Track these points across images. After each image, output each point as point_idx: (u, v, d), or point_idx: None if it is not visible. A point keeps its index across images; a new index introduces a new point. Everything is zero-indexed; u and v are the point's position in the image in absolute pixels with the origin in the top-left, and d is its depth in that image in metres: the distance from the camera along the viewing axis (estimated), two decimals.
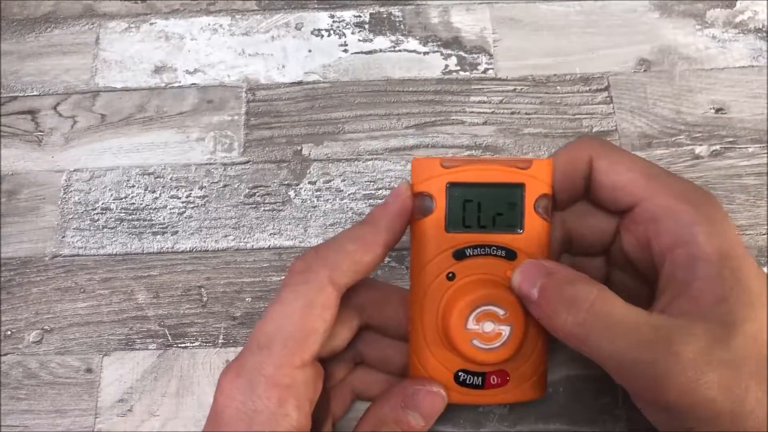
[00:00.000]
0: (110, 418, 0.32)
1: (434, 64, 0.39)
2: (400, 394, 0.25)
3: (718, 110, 0.37)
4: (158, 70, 0.40)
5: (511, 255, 0.24)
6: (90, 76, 0.40)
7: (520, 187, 0.24)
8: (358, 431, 0.25)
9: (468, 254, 0.24)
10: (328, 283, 0.23)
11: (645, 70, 0.39)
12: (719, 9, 0.40)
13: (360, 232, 0.24)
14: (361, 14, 0.41)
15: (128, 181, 0.37)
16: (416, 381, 0.25)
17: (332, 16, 0.41)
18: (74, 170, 0.37)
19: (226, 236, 0.35)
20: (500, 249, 0.24)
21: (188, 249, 0.35)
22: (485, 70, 0.39)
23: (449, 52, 0.39)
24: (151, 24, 0.41)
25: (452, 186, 0.24)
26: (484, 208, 0.24)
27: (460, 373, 0.25)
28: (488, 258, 0.24)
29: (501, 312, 0.24)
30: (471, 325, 0.24)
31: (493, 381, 0.25)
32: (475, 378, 0.25)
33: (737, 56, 0.39)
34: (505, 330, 0.24)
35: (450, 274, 0.24)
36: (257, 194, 0.36)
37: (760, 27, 0.40)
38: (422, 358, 0.25)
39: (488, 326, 0.24)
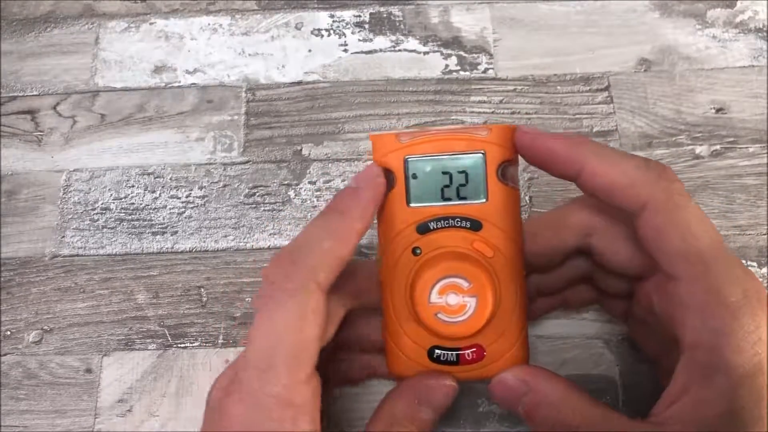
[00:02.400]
0: (110, 418, 0.32)
1: (434, 64, 0.39)
2: (412, 390, 0.24)
3: (718, 110, 0.37)
4: (158, 69, 0.40)
5: (476, 225, 0.24)
6: (90, 75, 0.40)
7: (480, 155, 0.24)
8: (370, 431, 0.25)
9: (432, 228, 0.24)
10: (315, 289, 0.22)
11: (645, 70, 0.39)
12: (719, 9, 0.40)
13: (333, 225, 0.23)
14: (361, 14, 0.41)
15: (128, 181, 0.37)
16: (427, 376, 0.24)
17: (332, 16, 0.41)
18: (74, 170, 0.37)
19: (225, 236, 0.35)
20: (464, 220, 0.24)
21: (188, 249, 0.35)
22: (485, 70, 0.39)
23: (449, 51, 0.39)
24: (151, 24, 0.41)
25: (410, 160, 0.24)
26: (444, 179, 0.24)
27: (434, 350, 0.24)
28: (453, 230, 0.24)
29: (465, 284, 0.24)
30: (434, 298, 0.24)
31: (468, 356, 0.24)
32: (449, 354, 0.24)
33: (738, 56, 0.39)
34: (470, 302, 0.24)
35: (415, 249, 0.24)
36: (257, 194, 0.36)
37: (761, 27, 0.39)
38: (395, 337, 0.25)
39: (452, 299, 0.24)
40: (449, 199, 0.24)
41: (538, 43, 0.39)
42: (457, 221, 0.24)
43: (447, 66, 0.39)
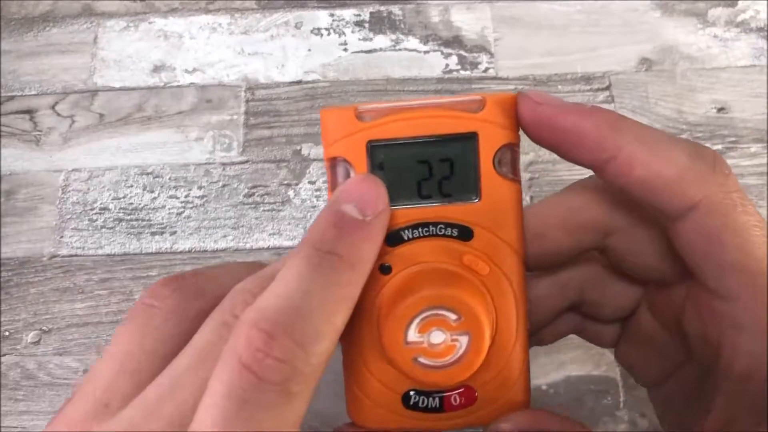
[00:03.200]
0: None
1: (435, 63, 0.39)
2: None
3: (719, 110, 0.37)
4: (157, 69, 0.39)
5: (465, 233, 0.18)
6: (88, 75, 0.39)
7: (471, 138, 0.18)
8: None
9: (406, 237, 0.18)
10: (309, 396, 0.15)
11: (646, 70, 0.38)
12: (721, 8, 0.40)
13: (348, 291, 0.16)
14: (361, 13, 0.40)
15: (127, 180, 0.37)
16: None
17: (332, 15, 0.40)
18: (72, 170, 0.37)
19: (225, 236, 0.35)
20: (450, 227, 0.18)
21: (187, 249, 0.35)
22: (486, 69, 0.39)
23: (450, 51, 0.39)
24: (150, 23, 0.41)
25: (375, 146, 0.18)
26: (421, 171, 0.18)
27: (411, 394, 0.19)
28: (434, 240, 0.18)
29: (453, 317, 0.18)
30: (412, 336, 0.18)
31: (455, 401, 0.19)
32: (431, 400, 0.19)
33: (739, 55, 0.39)
34: (461, 340, 0.18)
35: (384, 266, 0.18)
36: (256, 194, 0.36)
37: (762, 26, 0.39)
38: (359, 379, 0.19)
39: (437, 337, 0.18)
40: (429, 198, 0.18)
41: (539, 43, 0.39)
42: (441, 228, 0.18)
43: (447, 65, 0.39)
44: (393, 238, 0.18)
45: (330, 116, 0.18)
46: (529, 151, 0.36)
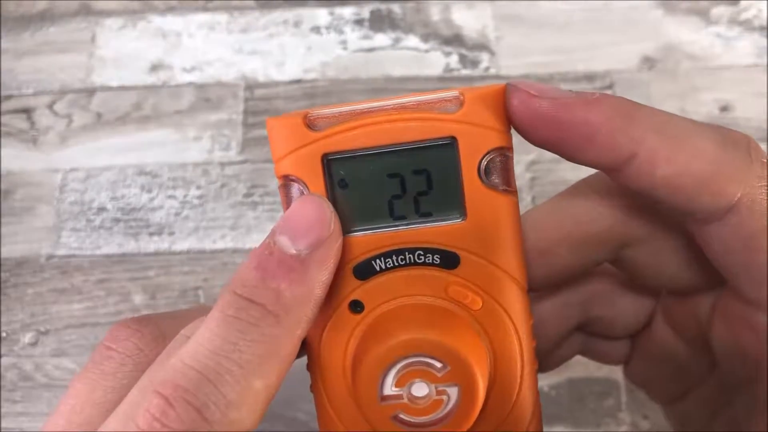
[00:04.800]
0: None
1: (435, 62, 0.39)
2: None
3: (722, 108, 0.37)
4: (155, 68, 0.39)
5: (449, 261, 0.15)
6: (86, 74, 0.39)
7: (449, 144, 0.15)
8: None
9: (378, 268, 0.15)
10: None
11: (649, 68, 0.38)
12: (723, 6, 0.40)
13: (270, 348, 0.13)
14: (361, 11, 0.40)
15: (124, 180, 0.37)
16: None
17: (331, 13, 0.40)
18: (70, 170, 0.37)
19: (223, 237, 0.35)
20: (430, 253, 0.15)
21: (185, 250, 0.35)
22: (487, 68, 0.38)
23: (450, 49, 0.39)
24: (148, 21, 0.40)
25: (332, 159, 0.15)
26: (392, 186, 0.15)
27: None
28: (413, 269, 0.15)
29: (438, 365, 0.15)
30: (389, 390, 0.15)
31: None
32: None
33: (742, 54, 0.38)
34: (450, 392, 0.15)
35: (355, 304, 0.15)
36: (255, 194, 0.36)
37: (764, 25, 0.39)
38: None
39: (419, 390, 0.15)
40: (403, 219, 0.15)
41: (541, 41, 0.39)
42: (419, 255, 0.15)
43: (448, 64, 0.39)
44: (363, 270, 0.15)
45: (276, 126, 0.15)
46: (531, 151, 0.36)
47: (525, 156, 0.36)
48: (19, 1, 0.41)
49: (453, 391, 0.15)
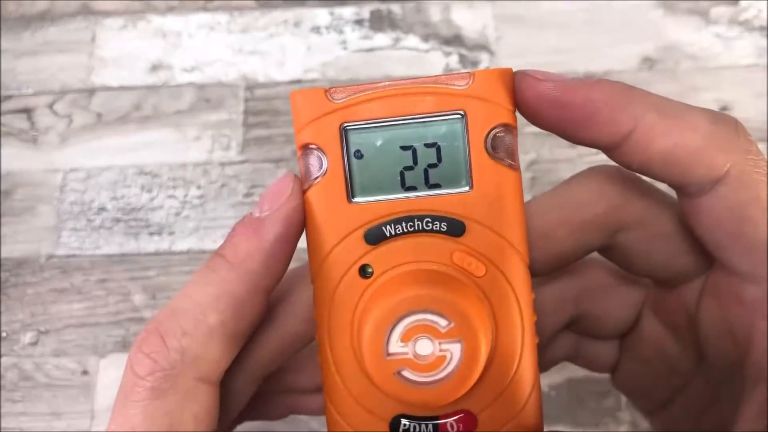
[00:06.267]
0: (106, 420, 0.32)
1: (435, 62, 0.39)
2: None
3: (722, 109, 0.37)
4: (155, 68, 0.39)
5: (456, 229, 0.16)
6: (86, 74, 0.39)
7: (458, 117, 0.16)
8: None
9: (389, 234, 0.16)
10: (197, 386, 0.16)
11: (649, 69, 0.38)
12: (723, 7, 0.40)
13: (223, 287, 0.16)
14: (361, 11, 0.40)
15: (124, 180, 0.37)
16: None
17: (332, 13, 0.40)
18: (70, 170, 0.37)
19: (223, 236, 0.35)
20: (438, 221, 0.16)
21: (185, 250, 0.35)
22: (486, 69, 0.38)
23: (450, 49, 0.39)
24: (148, 21, 0.40)
25: (351, 129, 0.16)
26: (404, 158, 0.16)
27: (399, 422, 0.16)
28: (421, 237, 0.16)
29: (442, 323, 0.15)
30: (395, 347, 0.15)
31: (452, 429, 0.16)
32: (424, 427, 0.16)
33: (742, 54, 0.38)
34: (453, 350, 0.15)
35: (365, 269, 0.16)
36: (255, 194, 0.36)
37: (764, 25, 0.39)
38: (340, 405, 0.17)
39: (423, 347, 0.15)
40: (413, 189, 0.16)
41: (541, 41, 0.39)
42: (428, 222, 0.16)
43: (448, 64, 0.39)
44: (374, 236, 0.16)
45: (299, 97, 0.16)
46: (530, 150, 0.36)
47: (525, 156, 0.36)
48: (20, 1, 0.41)
49: (456, 349, 0.15)
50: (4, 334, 0.34)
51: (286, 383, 0.21)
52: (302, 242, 0.17)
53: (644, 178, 0.17)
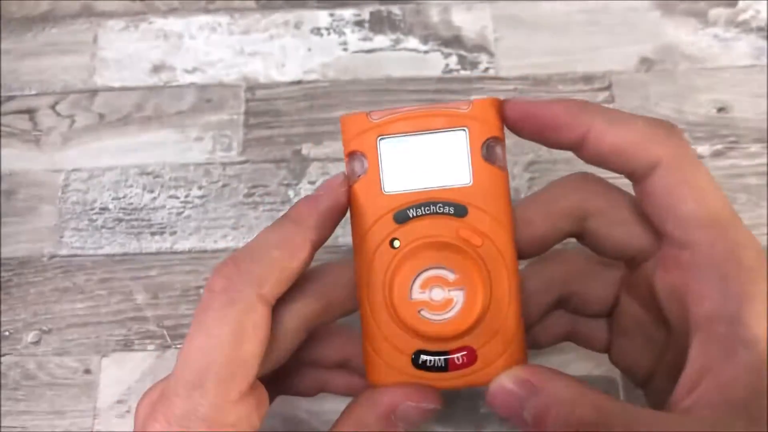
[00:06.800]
0: (109, 419, 0.32)
1: (435, 63, 0.39)
2: (390, 404, 0.21)
3: (720, 110, 0.37)
4: (157, 69, 0.39)
5: (460, 211, 0.22)
6: (88, 75, 0.39)
7: (462, 131, 0.22)
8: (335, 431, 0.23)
9: (411, 215, 0.22)
10: (257, 301, 0.20)
11: (647, 70, 0.38)
12: (721, 8, 0.40)
13: (285, 234, 0.21)
14: (361, 13, 0.40)
15: (126, 180, 0.37)
16: (409, 393, 0.22)
17: (332, 15, 0.40)
18: (72, 170, 0.37)
19: (225, 236, 0.35)
20: (447, 205, 0.22)
21: (187, 249, 0.35)
22: (486, 69, 0.39)
23: (450, 50, 0.39)
24: (150, 23, 0.41)
25: (384, 139, 0.22)
26: (422, 160, 0.22)
27: (419, 355, 0.22)
28: (434, 217, 0.22)
29: (450, 275, 0.21)
30: (416, 293, 0.21)
31: (458, 361, 0.21)
32: (437, 360, 0.22)
33: (739, 55, 0.39)
34: (457, 295, 0.21)
35: (393, 241, 0.22)
36: (256, 194, 0.36)
37: (762, 26, 0.39)
38: (374, 343, 0.22)
39: (437, 293, 0.21)
40: (427, 183, 0.22)
41: (540, 42, 0.39)
42: (439, 207, 0.22)
43: (447, 65, 0.39)
44: (401, 217, 0.22)
45: (348, 119, 0.23)
46: (529, 152, 0.36)
47: (524, 157, 0.36)
48: (22, 2, 0.42)
49: (460, 295, 0.21)
50: (6, 333, 0.34)
51: (316, 355, 0.25)
52: (333, 238, 0.23)
53: (610, 181, 0.23)
